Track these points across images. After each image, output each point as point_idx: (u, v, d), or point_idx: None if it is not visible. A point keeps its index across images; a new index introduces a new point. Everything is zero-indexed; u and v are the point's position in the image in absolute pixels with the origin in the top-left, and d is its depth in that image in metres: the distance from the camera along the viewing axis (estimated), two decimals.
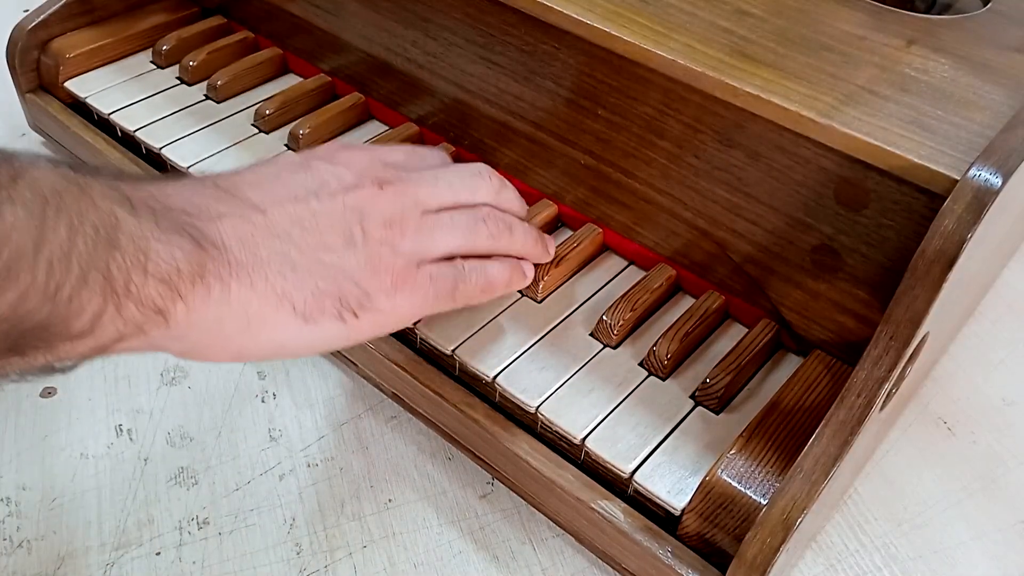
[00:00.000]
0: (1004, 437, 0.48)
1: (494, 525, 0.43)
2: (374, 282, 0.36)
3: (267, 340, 0.34)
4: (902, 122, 0.39)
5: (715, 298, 0.45)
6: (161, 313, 0.30)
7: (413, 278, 0.37)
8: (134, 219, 0.30)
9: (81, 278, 0.27)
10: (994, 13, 0.48)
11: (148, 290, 0.29)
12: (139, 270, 0.29)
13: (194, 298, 0.31)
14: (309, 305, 0.34)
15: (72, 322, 0.28)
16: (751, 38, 0.43)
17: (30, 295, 0.26)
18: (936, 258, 0.35)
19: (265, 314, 0.33)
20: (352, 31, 0.57)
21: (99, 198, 0.29)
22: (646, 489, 0.38)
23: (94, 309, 0.28)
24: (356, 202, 0.37)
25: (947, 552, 0.42)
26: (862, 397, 0.35)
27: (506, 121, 0.51)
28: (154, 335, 0.31)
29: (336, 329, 0.35)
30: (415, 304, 0.37)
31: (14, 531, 0.41)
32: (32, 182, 0.27)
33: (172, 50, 0.62)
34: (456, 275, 0.39)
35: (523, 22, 0.48)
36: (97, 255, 0.28)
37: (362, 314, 0.35)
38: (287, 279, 0.34)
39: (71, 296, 0.27)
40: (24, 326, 0.27)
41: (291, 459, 0.45)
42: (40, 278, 0.26)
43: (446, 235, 0.39)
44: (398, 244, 0.37)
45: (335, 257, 0.35)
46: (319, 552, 0.41)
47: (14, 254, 0.26)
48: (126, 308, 0.29)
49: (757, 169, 0.42)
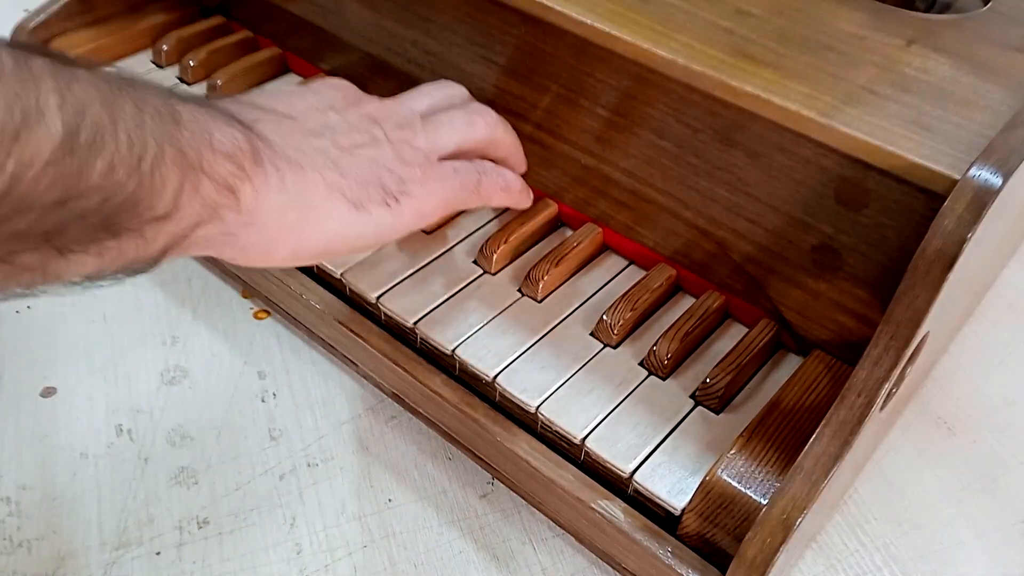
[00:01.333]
0: (1004, 437, 0.48)
1: (494, 525, 0.43)
2: (406, 170, 0.39)
3: (324, 231, 0.36)
4: (902, 122, 0.39)
5: (715, 298, 0.45)
6: (233, 192, 0.32)
7: (438, 169, 0.40)
8: (187, 106, 0.31)
9: (159, 151, 0.29)
10: (994, 13, 0.48)
11: (218, 167, 0.31)
12: (207, 146, 0.31)
13: (257, 179, 0.33)
14: (356, 192, 0.36)
15: (156, 198, 0.29)
16: (751, 38, 0.43)
17: (118, 164, 0.27)
18: (936, 258, 0.35)
19: (319, 203, 0.35)
20: (352, 31, 0.57)
21: (151, 87, 0.30)
22: (646, 489, 0.38)
23: (174, 184, 0.29)
24: (367, 111, 0.40)
25: (947, 552, 0.42)
26: (862, 397, 0.35)
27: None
28: (228, 220, 0.32)
29: (384, 216, 0.37)
30: (446, 192, 0.40)
31: (14, 531, 0.41)
32: (88, 71, 0.28)
33: (172, 50, 0.62)
34: (478, 170, 0.42)
35: (523, 22, 0.48)
36: (167, 131, 0.29)
37: (403, 200, 0.38)
38: (332, 170, 0.36)
39: (153, 168, 0.28)
40: (116, 198, 0.28)
41: (291, 459, 0.45)
42: (123, 148, 0.27)
43: (448, 131, 0.42)
44: (414, 141, 0.40)
45: (368, 151, 0.38)
46: (319, 552, 0.41)
47: (95, 123, 0.27)
48: (202, 185, 0.30)
49: (757, 169, 0.42)
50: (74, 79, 0.27)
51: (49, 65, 0.27)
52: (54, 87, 0.26)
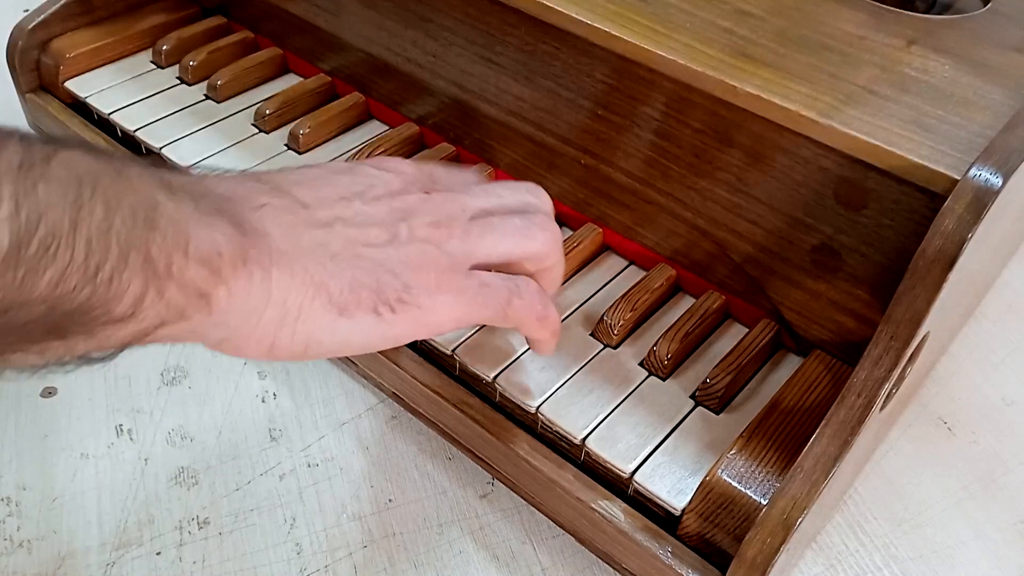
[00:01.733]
0: (1004, 437, 0.48)
1: (494, 525, 0.43)
2: (416, 276, 0.34)
3: (301, 333, 0.32)
4: (902, 122, 0.39)
5: (715, 298, 0.45)
6: (204, 297, 0.29)
7: (460, 280, 0.35)
8: (173, 202, 0.29)
9: (121, 258, 0.27)
10: (994, 13, 0.48)
11: (190, 272, 0.29)
12: (180, 252, 0.28)
13: (236, 282, 0.30)
14: (345, 296, 0.33)
15: (114, 305, 0.27)
16: (751, 38, 0.43)
17: (69, 275, 0.25)
18: (936, 258, 0.35)
19: (301, 304, 0.32)
20: (352, 31, 0.57)
21: (136, 180, 0.28)
22: (646, 489, 0.38)
23: (136, 292, 0.27)
24: (402, 204, 0.35)
25: (947, 552, 0.42)
26: (862, 397, 0.35)
27: (506, 121, 0.51)
28: (195, 320, 0.30)
29: (371, 324, 0.33)
30: (460, 307, 0.35)
31: (14, 531, 0.41)
32: (66, 162, 0.26)
33: (172, 50, 0.62)
34: (512, 289, 0.37)
35: (523, 22, 0.48)
36: (136, 236, 0.27)
37: (400, 309, 0.34)
38: (325, 269, 0.33)
39: (112, 277, 0.26)
40: (65, 308, 0.26)
41: (291, 459, 0.45)
42: (79, 257, 0.25)
43: (497, 238, 0.36)
44: (444, 243, 0.35)
45: (376, 251, 0.34)
46: (319, 552, 0.41)
47: (51, 231, 0.25)
48: (168, 291, 0.28)
49: (757, 169, 0.42)
50: (42, 178, 0.25)
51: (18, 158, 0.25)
52: (11, 192, 0.24)
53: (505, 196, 0.38)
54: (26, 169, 0.25)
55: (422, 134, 0.56)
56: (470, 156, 0.54)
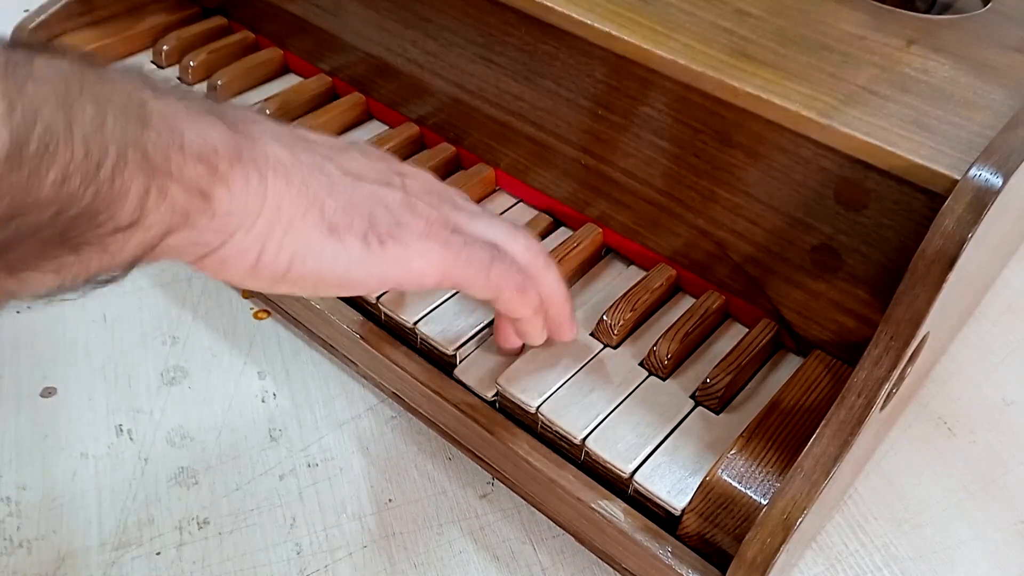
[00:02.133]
0: (1004, 437, 0.48)
1: (494, 525, 0.43)
2: (408, 216, 0.35)
3: (287, 247, 0.32)
4: (902, 122, 0.39)
5: (715, 298, 0.45)
6: (204, 196, 0.29)
7: (447, 234, 0.35)
8: (160, 101, 0.28)
9: (120, 156, 0.26)
10: (994, 13, 0.48)
11: (188, 169, 0.28)
12: (175, 147, 0.28)
13: (234, 181, 0.29)
14: (338, 216, 0.32)
15: (118, 206, 0.26)
16: (751, 38, 0.43)
17: (72, 172, 0.25)
18: (936, 258, 0.35)
19: (293, 214, 0.31)
20: (352, 31, 0.57)
21: (120, 81, 0.28)
22: (646, 489, 0.38)
23: (138, 190, 0.27)
24: (399, 168, 0.37)
25: (947, 552, 0.42)
26: (862, 397, 0.35)
27: (506, 121, 0.51)
28: (199, 226, 0.29)
29: (357, 252, 0.33)
30: (445, 258, 0.35)
31: (14, 531, 0.41)
32: (49, 63, 0.26)
33: (172, 50, 0.62)
34: (495, 254, 0.37)
35: (523, 22, 0.48)
36: (131, 133, 0.27)
37: (388, 243, 0.33)
38: (322, 186, 0.32)
39: (114, 174, 0.26)
40: (71, 212, 0.25)
41: (291, 459, 0.45)
42: (79, 155, 0.25)
43: (484, 227, 0.38)
44: (435, 204, 0.36)
45: (374, 188, 0.34)
46: (319, 552, 0.41)
47: (48, 130, 0.24)
48: (170, 189, 0.28)
49: (757, 169, 0.42)
50: (30, 77, 0.25)
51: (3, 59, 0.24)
52: (3, 91, 0.24)
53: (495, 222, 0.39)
54: (12, 68, 0.24)
55: (422, 134, 0.56)
56: (470, 156, 0.54)
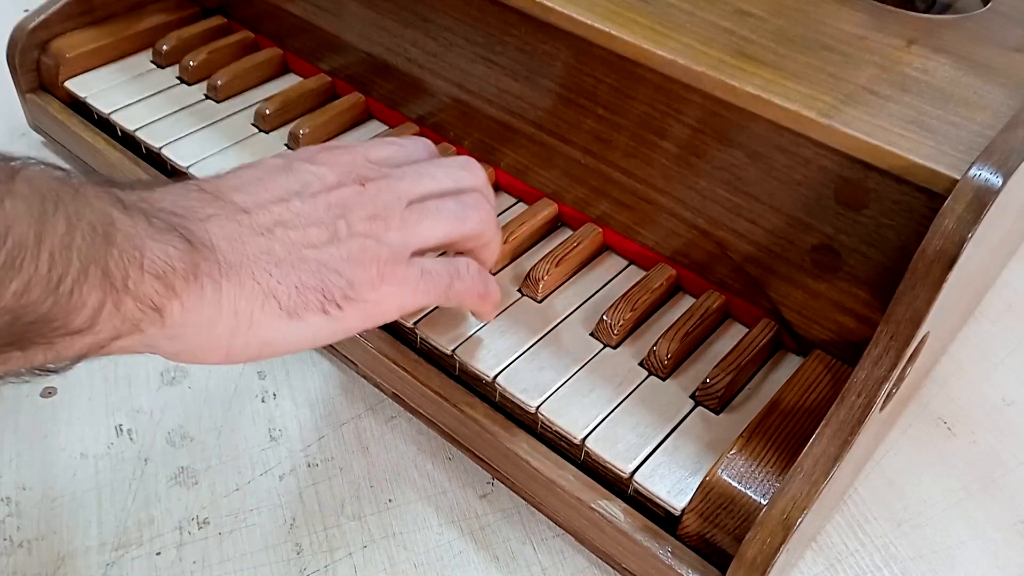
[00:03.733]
0: (1004, 437, 0.48)
1: (494, 525, 0.43)
2: (359, 272, 0.36)
3: (255, 339, 0.34)
4: (902, 122, 0.39)
5: (715, 298, 0.45)
6: (157, 310, 0.30)
7: (402, 270, 0.37)
8: (128, 219, 0.30)
9: (82, 271, 0.28)
10: (994, 13, 0.48)
11: (145, 287, 0.30)
12: (136, 266, 0.30)
13: (188, 296, 0.31)
14: (293, 300, 0.34)
15: (73, 316, 0.28)
16: (751, 38, 0.43)
17: (33, 286, 0.26)
18: (936, 258, 0.35)
19: (252, 312, 0.33)
20: (352, 31, 0.57)
21: (93, 198, 0.29)
22: (646, 489, 0.38)
23: (94, 303, 0.28)
24: (339, 199, 0.37)
25: (947, 552, 0.42)
26: (862, 397, 0.35)
27: (506, 121, 0.51)
28: (150, 333, 0.31)
29: (322, 323, 0.35)
30: (404, 296, 0.37)
31: (14, 531, 0.41)
32: (29, 179, 0.27)
33: (172, 50, 0.62)
34: (452, 273, 0.39)
35: (523, 22, 0.48)
36: (95, 250, 0.28)
37: (347, 306, 0.35)
38: (272, 276, 0.34)
39: (73, 289, 0.28)
40: (27, 319, 0.27)
41: (291, 459, 0.45)
42: (43, 269, 0.27)
43: (433, 223, 0.38)
44: (383, 236, 0.37)
45: (318, 252, 0.35)
46: (319, 552, 0.41)
47: (17, 244, 0.26)
48: (124, 304, 0.29)
49: (757, 169, 0.42)
50: (8, 194, 0.26)
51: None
52: None
53: (438, 176, 0.40)
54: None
55: (422, 134, 0.56)
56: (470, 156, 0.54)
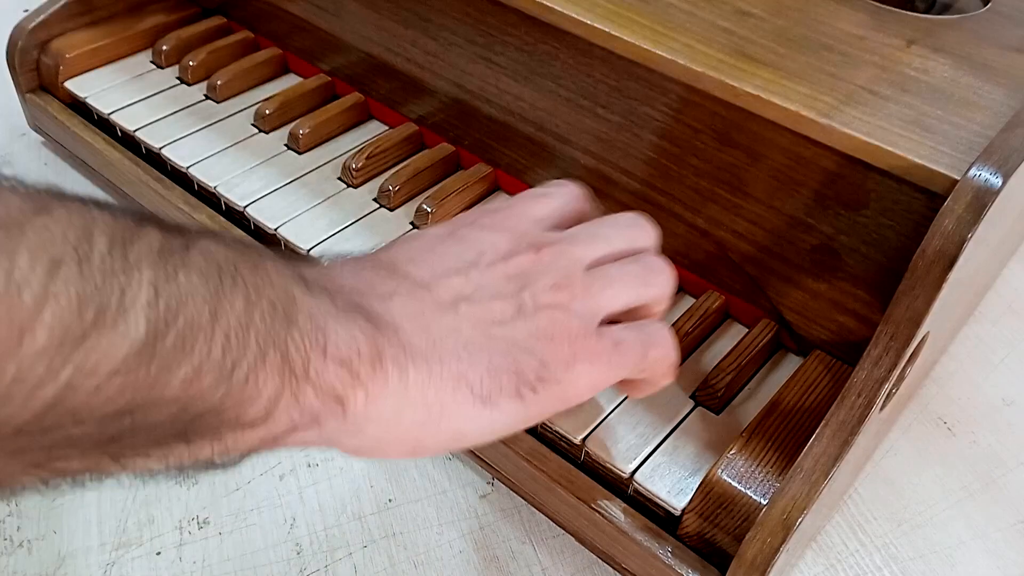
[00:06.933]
0: (1004, 437, 0.48)
1: (494, 525, 0.43)
2: (550, 350, 0.32)
3: (446, 430, 0.31)
4: (902, 122, 0.39)
5: (715, 298, 0.45)
6: (340, 402, 0.27)
7: (594, 343, 0.33)
8: (311, 298, 0.27)
9: (259, 356, 0.25)
10: (994, 13, 0.48)
11: (328, 375, 0.27)
12: (318, 351, 0.27)
13: (373, 385, 0.28)
14: (486, 384, 0.31)
15: (246, 407, 0.25)
16: (751, 38, 0.43)
17: (205, 373, 0.24)
18: (936, 258, 0.35)
19: (444, 401, 0.30)
20: (352, 31, 0.57)
21: (274, 273, 0.27)
22: (646, 489, 0.38)
23: (270, 393, 0.25)
24: (517, 269, 0.34)
25: (947, 552, 0.42)
26: (862, 397, 0.35)
27: (506, 121, 0.51)
28: (329, 427, 0.28)
29: (515, 408, 0.31)
30: (598, 373, 0.33)
31: (14, 531, 0.41)
32: (206, 249, 0.25)
33: (172, 50, 0.62)
34: (644, 340, 0.35)
35: (523, 22, 0.48)
36: (275, 332, 0.25)
37: (541, 388, 0.32)
38: (461, 359, 0.31)
39: (248, 376, 0.25)
40: (195, 409, 0.24)
41: (291, 459, 0.45)
42: (216, 353, 0.24)
43: (618, 290, 0.35)
44: (570, 306, 0.33)
45: (506, 330, 0.32)
46: (319, 552, 0.41)
47: (189, 323, 0.23)
48: (304, 394, 0.26)
49: (757, 169, 0.42)
50: (183, 265, 0.23)
51: (158, 243, 0.23)
52: (151, 278, 0.22)
53: (612, 237, 0.36)
54: (167, 254, 0.23)
55: (422, 134, 0.56)
56: (470, 156, 0.54)
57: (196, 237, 0.25)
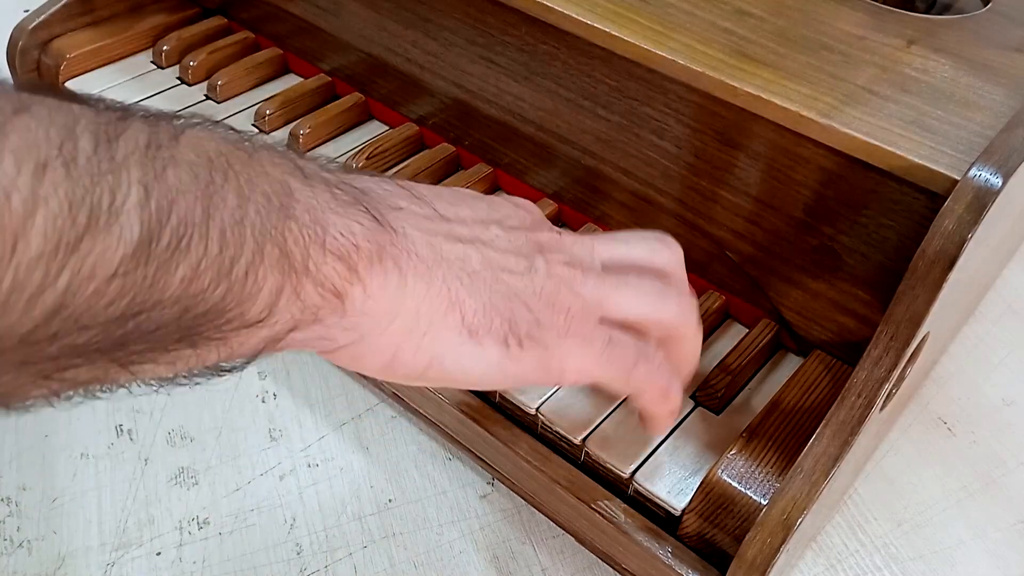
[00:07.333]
0: (1004, 437, 0.48)
1: (494, 525, 0.43)
2: (548, 314, 0.32)
3: (427, 349, 0.30)
4: (902, 122, 0.39)
5: (715, 298, 0.45)
6: (339, 295, 0.27)
7: (590, 328, 0.33)
8: (308, 189, 0.27)
9: (257, 251, 0.24)
10: (994, 13, 0.48)
11: (327, 268, 0.27)
12: (317, 244, 0.26)
13: (371, 281, 0.28)
14: (478, 319, 0.30)
15: (248, 305, 0.25)
16: (751, 38, 0.43)
17: (203, 270, 0.23)
18: (936, 258, 0.35)
19: (432, 317, 0.30)
20: (352, 31, 0.57)
21: (268, 164, 0.26)
22: (646, 489, 0.38)
23: (271, 287, 0.25)
24: (539, 239, 0.34)
25: (947, 552, 0.42)
26: (862, 397, 0.35)
27: (506, 121, 0.51)
28: (328, 322, 0.28)
29: (497, 355, 0.31)
30: (584, 359, 0.33)
31: (14, 531, 0.41)
32: (195, 142, 0.24)
33: (173, 50, 0.62)
34: (640, 352, 0.34)
35: (523, 22, 0.48)
36: (271, 225, 0.25)
37: (528, 345, 0.31)
38: (463, 284, 0.30)
39: (248, 271, 0.24)
40: (198, 309, 0.24)
41: (291, 459, 0.45)
42: (213, 250, 0.23)
43: (631, 297, 0.34)
44: (579, 285, 0.33)
45: (514, 279, 0.32)
46: (319, 552, 0.41)
47: (183, 221, 0.23)
48: (304, 288, 0.26)
49: (757, 169, 0.42)
50: (171, 161, 0.23)
51: (145, 137, 0.23)
52: (140, 177, 0.22)
53: (631, 242, 0.36)
54: (154, 150, 0.23)
55: (422, 134, 0.56)
56: (470, 156, 0.54)
57: (185, 126, 0.25)
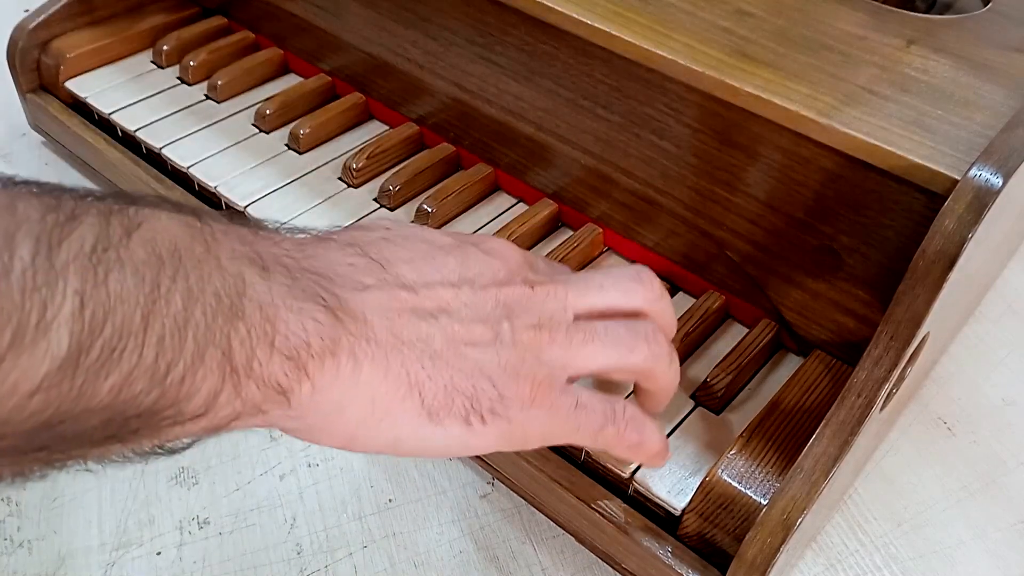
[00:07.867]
0: (1004, 437, 0.48)
1: (494, 525, 0.43)
2: (512, 387, 0.32)
3: (386, 433, 0.30)
4: (902, 122, 0.39)
5: (715, 298, 0.45)
6: (284, 393, 0.27)
7: (556, 396, 0.33)
8: (264, 283, 0.26)
9: (197, 356, 0.24)
10: (994, 13, 0.48)
11: (272, 367, 0.26)
12: (265, 344, 0.26)
13: (322, 377, 0.28)
14: (438, 401, 0.30)
15: (183, 405, 0.24)
16: (751, 38, 0.43)
17: (135, 378, 0.23)
18: (936, 258, 0.35)
19: (390, 403, 0.30)
20: (352, 31, 0.57)
21: (226, 257, 0.25)
22: (646, 489, 0.38)
23: (209, 389, 0.24)
24: (507, 298, 0.33)
25: (947, 552, 0.42)
26: (862, 397, 0.35)
27: (506, 121, 0.51)
28: (272, 415, 0.27)
29: (459, 433, 0.31)
30: (550, 426, 0.33)
31: (14, 531, 0.41)
32: (149, 236, 0.24)
33: (173, 50, 0.62)
34: (607, 415, 0.34)
35: (523, 22, 0.48)
36: (217, 327, 0.24)
37: (490, 420, 0.31)
38: (423, 368, 0.30)
39: (185, 376, 0.24)
40: (128, 413, 0.23)
41: (291, 459, 0.45)
42: (148, 358, 0.23)
43: (597, 348, 0.34)
44: (544, 352, 0.33)
45: (478, 353, 0.31)
46: (319, 552, 0.41)
47: (118, 331, 0.22)
48: (246, 388, 0.26)
49: (757, 169, 0.42)
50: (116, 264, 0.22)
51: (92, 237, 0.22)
52: (78, 286, 0.21)
53: (606, 286, 0.36)
54: (100, 253, 0.22)
55: (422, 134, 0.56)
56: (470, 156, 0.54)
57: (141, 217, 0.24)
